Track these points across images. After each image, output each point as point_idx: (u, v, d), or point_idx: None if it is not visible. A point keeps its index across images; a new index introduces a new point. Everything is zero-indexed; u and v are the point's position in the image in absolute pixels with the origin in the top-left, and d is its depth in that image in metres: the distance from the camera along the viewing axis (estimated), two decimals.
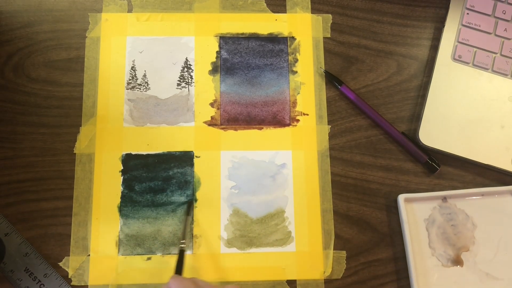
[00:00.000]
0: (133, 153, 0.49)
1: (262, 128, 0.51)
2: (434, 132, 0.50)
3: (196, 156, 0.50)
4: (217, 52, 0.52)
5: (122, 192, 0.48)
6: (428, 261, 0.47)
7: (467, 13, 0.52)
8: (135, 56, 0.51)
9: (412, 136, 0.51)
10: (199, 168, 0.49)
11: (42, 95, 0.50)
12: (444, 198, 0.49)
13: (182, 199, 0.48)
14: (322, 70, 0.52)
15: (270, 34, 0.53)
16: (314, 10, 0.54)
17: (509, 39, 0.52)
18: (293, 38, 0.53)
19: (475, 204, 0.49)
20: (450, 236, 0.48)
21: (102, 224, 0.48)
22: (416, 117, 0.52)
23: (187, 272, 0.47)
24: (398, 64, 0.53)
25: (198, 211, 0.48)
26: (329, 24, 0.53)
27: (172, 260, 0.47)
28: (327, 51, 0.53)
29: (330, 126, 0.51)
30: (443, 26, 0.53)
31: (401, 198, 0.48)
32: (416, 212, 0.49)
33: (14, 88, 0.50)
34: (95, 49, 0.51)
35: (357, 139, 0.51)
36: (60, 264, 0.47)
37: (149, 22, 0.52)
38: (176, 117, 0.50)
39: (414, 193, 0.48)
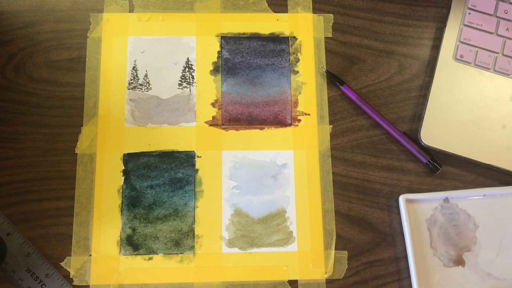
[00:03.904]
0: (135, 153, 0.49)
1: (264, 128, 0.51)
2: (435, 132, 0.50)
3: (198, 156, 0.50)
4: (218, 52, 0.52)
5: (123, 192, 0.48)
6: (429, 261, 0.47)
7: (469, 13, 0.52)
8: (136, 56, 0.51)
9: (414, 136, 0.51)
10: (201, 168, 0.49)
11: (43, 95, 0.50)
12: (446, 198, 0.49)
13: (184, 199, 0.49)
14: (323, 70, 0.52)
15: (272, 34, 0.53)
16: (316, 10, 0.54)
17: (511, 38, 0.52)
18: (294, 38, 0.53)
19: (477, 204, 0.49)
20: (451, 236, 0.48)
21: (103, 224, 0.48)
22: (418, 117, 0.52)
23: (189, 273, 0.47)
24: (400, 64, 0.53)
25: (200, 211, 0.48)
26: (331, 24, 0.53)
27: (173, 260, 0.47)
28: (328, 51, 0.53)
29: (331, 126, 0.51)
30: (445, 26, 0.53)
31: (403, 198, 0.48)
32: (418, 212, 0.48)
33: (16, 88, 0.50)
34: (97, 49, 0.51)
35: (358, 139, 0.51)
36: (62, 264, 0.47)
37: (151, 22, 0.52)
38: (178, 117, 0.50)
39: (416, 194, 0.48)
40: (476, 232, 0.48)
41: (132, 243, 0.47)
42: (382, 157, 0.51)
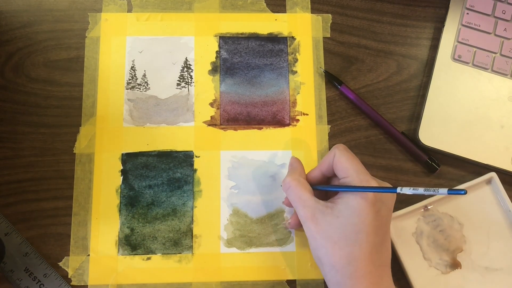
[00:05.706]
0: (133, 153, 0.49)
1: (262, 128, 0.51)
2: (434, 132, 0.50)
3: (196, 156, 0.50)
4: (216, 52, 0.52)
5: (121, 192, 0.48)
6: (427, 273, 0.47)
7: (467, 13, 0.52)
8: (134, 56, 0.51)
9: (412, 136, 0.51)
10: (199, 168, 0.49)
11: (42, 95, 0.50)
12: (425, 207, 0.48)
13: (182, 199, 0.49)
14: (322, 70, 0.52)
15: (270, 34, 0.53)
16: (314, 10, 0.54)
17: (508, 39, 0.52)
18: (293, 38, 0.53)
19: (456, 203, 0.49)
20: (441, 243, 0.48)
21: (101, 224, 0.48)
22: (416, 117, 0.52)
23: (187, 273, 0.47)
24: (398, 64, 0.53)
25: (198, 211, 0.48)
26: (329, 24, 0.53)
27: (172, 260, 0.47)
28: (327, 51, 0.53)
29: (329, 126, 0.51)
30: (443, 26, 0.53)
31: None
32: (403, 228, 0.48)
33: (14, 88, 0.50)
34: (95, 49, 0.51)
35: (357, 139, 0.51)
36: (60, 264, 0.47)
37: (149, 22, 0.52)
38: (176, 117, 0.50)
39: (394, 212, 0.47)
40: (463, 231, 0.48)
41: (131, 243, 0.47)
42: (380, 157, 0.51)
